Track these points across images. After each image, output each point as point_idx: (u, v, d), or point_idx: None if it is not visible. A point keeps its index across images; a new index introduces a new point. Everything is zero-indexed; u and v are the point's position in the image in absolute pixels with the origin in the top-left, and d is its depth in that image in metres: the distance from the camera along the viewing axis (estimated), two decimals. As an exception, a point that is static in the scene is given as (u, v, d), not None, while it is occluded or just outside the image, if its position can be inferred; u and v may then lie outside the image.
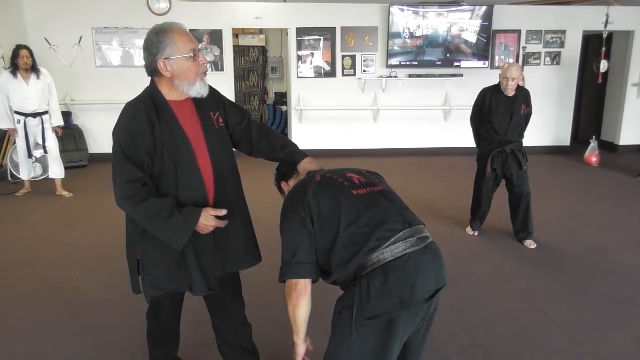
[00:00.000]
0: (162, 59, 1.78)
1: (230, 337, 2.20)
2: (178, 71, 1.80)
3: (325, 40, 7.71)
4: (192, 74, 1.82)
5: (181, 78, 1.81)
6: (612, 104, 8.67)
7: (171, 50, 1.77)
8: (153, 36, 1.80)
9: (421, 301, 1.58)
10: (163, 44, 1.77)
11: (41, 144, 5.58)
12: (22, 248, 4.23)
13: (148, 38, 1.81)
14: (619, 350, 2.74)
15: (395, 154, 8.04)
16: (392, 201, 1.74)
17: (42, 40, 7.09)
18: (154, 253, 1.91)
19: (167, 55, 1.78)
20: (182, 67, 1.79)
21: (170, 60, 1.78)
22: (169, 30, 1.79)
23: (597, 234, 4.55)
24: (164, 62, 1.78)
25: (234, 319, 2.18)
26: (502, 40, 7.93)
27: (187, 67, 1.80)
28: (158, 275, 1.93)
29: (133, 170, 1.77)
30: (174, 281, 1.94)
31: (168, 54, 1.77)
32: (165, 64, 1.78)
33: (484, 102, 4.25)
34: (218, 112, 1.99)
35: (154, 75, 1.86)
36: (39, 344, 2.80)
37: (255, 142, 2.09)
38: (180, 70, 1.80)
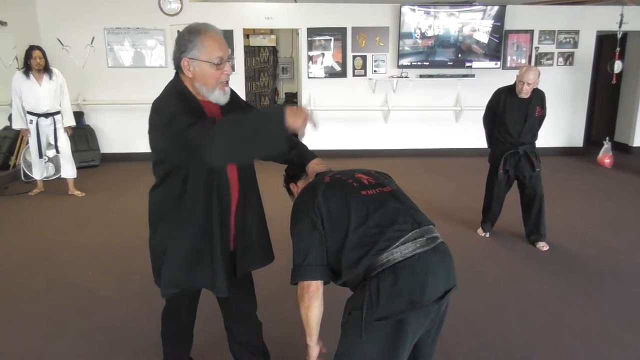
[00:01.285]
0: (187, 57, 1.76)
1: (242, 336, 2.20)
2: (199, 74, 1.77)
3: (335, 41, 7.70)
4: (212, 80, 1.78)
5: (201, 82, 1.78)
6: (625, 104, 8.56)
7: (198, 52, 1.75)
8: (185, 33, 1.78)
9: (431, 302, 1.57)
10: (192, 43, 1.75)
11: (53, 143, 5.64)
12: (35, 247, 4.26)
13: (181, 34, 1.79)
14: (632, 354, 2.70)
15: (405, 154, 8.01)
16: (401, 201, 1.74)
17: (55, 41, 7.17)
18: (177, 248, 1.90)
19: (192, 56, 1.75)
20: (203, 71, 1.76)
21: (194, 62, 1.75)
22: (202, 31, 1.77)
23: (610, 236, 4.49)
24: (187, 61, 1.76)
25: (246, 317, 2.18)
26: (514, 40, 7.86)
27: (208, 72, 1.77)
28: (177, 272, 1.91)
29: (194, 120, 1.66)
30: (193, 279, 1.93)
31: (194, 54, 1.75)
32: (189, 64, 1.76)
33: (497, 103, 4.21)
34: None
35: (178, 71, 1.84)
36: (51, 342, 2.82)
37: None
38: (201, 73, 1.77)
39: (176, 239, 1.89)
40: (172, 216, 1.88)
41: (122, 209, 5.31)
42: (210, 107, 1.85)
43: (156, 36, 7.45)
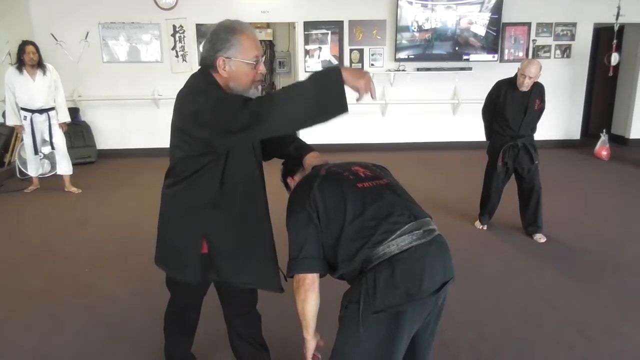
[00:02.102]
0: (224, 56, 1.72)
1: (242, 329, 2.19)
2: (235, 73, 1.74)
3: (332, 34, 7.66)
4: (248, 80, 1.77)
5: (237, 81, 1.76)
6: (622, 97, 8.56)
7: (235, 52, 1.72)
8: (222, 31, 1.73)
9: (428, 294, 1.57)
10: (230, 42, 1.71)
11: (48, 140, 5.60)
12: (32, 244, 4.24)
13: (216, 32, 1.74)
14: (630, 345, 2.70)
15: (403, 148, 8.00)
16: (397, 194, 1.73)
17: (49, 36, 7.12)
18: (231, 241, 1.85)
19: (229, 55, 1.72)
20: (240, 71, 1.74)
21: (232, 61, 1.72)
22: (240, 31, 1.74)
23: (608, 228, 4.49)
24: (224, 60, 1.72)
25: (247, 311, 2.17)
26: (511, 33, 7.84)
27: (245, 72, 1.75)
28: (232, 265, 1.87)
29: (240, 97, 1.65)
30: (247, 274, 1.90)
31: (231, 54, 1.72)
32: (225, 63, 1.72)
33: (498, 95, 4.20)
34: None
35: (208, 69, 1.78)
36: (50, 338, 2.81)
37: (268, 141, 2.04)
38: (237, 73, 1.74)
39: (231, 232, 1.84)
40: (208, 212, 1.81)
41: (119, 205, 5.29)
42: None
43: (151, 31, 7.40)
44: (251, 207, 1.87)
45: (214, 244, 1.83)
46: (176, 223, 1.88)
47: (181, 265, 1.90)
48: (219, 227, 1.83)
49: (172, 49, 7.43)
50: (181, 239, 1.87)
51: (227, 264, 1.86)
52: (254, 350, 2.22)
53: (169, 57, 7.41)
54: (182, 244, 1.87)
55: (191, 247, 1.85)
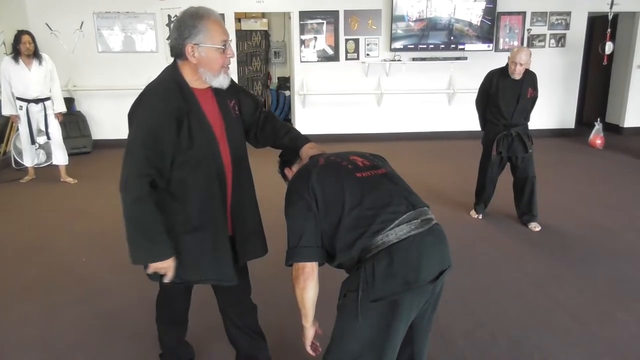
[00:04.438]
0: (192, 43, 1.75)
1: (237, 319, 2.21)
2: (205, 59, 1.78)
3: (328, 24, 7.63)
4: (217, 64, 1.80)
5: (206, 67, 1.79)
6: (617, 85, 8.59)
7: (203, 37, 1.75)
8: (188, 18, 1.76)
9: (426, 282, 1.59)
10: (196, 29, 1.74)
11: (44, 130, 5.58)
12: (29, 234, 4.25)
13: (182, 19, 1.78)
14: (624, 331, 2.75)
15: (399, 138, 8.01)
16: (395, 183, 1.74)
17: (43, 26, 7.05)
18: (187, 242, 1.88)
19: (197, 41, 1.75)
20: (209, 56, 1.77)
21: (200, 47, 1.75)
22: (206, 16, 1.77)
23: (602, 216, 4.54)
24: (192, 47, 1.75)
25: (241, 300, 2.19)
26: (506, 22, 7.83)
27: (214, 57, 1.78)
28: (182, 263, 1.89)
29: (145, 164, 1.74)
30: (199, 272, 1.94)
31: (199, 40, 1.75)
32: (194, 49, 1.76)
33: (490, 85, 4.22)
34: (234, 99, 1.99)
35: (178, 58, 1.83)
36: (47, 328, 2.83)
37: (260, 131, 2.10)
38: (207, 58, 1.77)
39: (182, 230, 1.88)
40: (165, 206, 1.85)
41: (115, 196, 5.22)
42: (205, 97, 1.86)
43: (146, 20, 7.35)
44: (203, 206, 1.88)
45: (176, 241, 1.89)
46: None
47: None
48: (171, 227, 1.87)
49: (167, 38, 7.37)
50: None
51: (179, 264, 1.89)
52: (250, 339, 2.24)
53: (164, 47, 7.35)
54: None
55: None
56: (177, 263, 1.87)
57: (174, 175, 1.82)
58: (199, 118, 1.83)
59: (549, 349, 2.59)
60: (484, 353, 2.57)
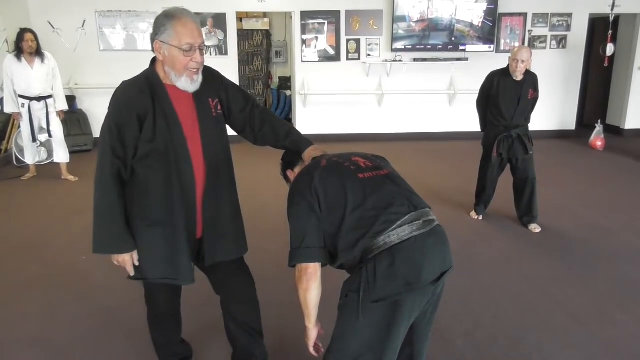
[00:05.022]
0: (159, 40, 1.81)
1: (238, 316, 2.20)
2: (168, 58, 1.82)
3: (329, 24, 7.64)
4: (179, 65, 1.82)
5: (170, 66, 1.83)
6: (617, 87, 8.60)
7: (168, 37, 1.78)
8: (161, 17, 1.82)
9: (427, 283, 1.59)
10: (165, 27, 1.79)
11: (45, 127, 5.59)
12: (30, 232, 4.26)
13: (158, 17, 1.84)
14: (623, 332, 2.76)
15: (399, 138, 8.02)
16: (398, 184, 1.75)
17: (45, 24, 7.05)
18: (140, 236, 1.93)
19: (163, 39, 1.80)
20: (172, 56, 1.80)
21: (165, 45, 1.80)
22: (176, 17, 1.80)
23: (602, 218, 4.55)
24: (159, 43, 1.81)
25: (243, 297, 2.18)
26: (507, 24, 7.84)
27: (177, 58, 1.80)
28: (141, 260, 1.96)
29: (110, 154, 1.82)
30: (157, 269, 1.97)
31: (165, 38, 1.79)
32: (160, 47, 1.81)
33: (491, 86, 4.22)
34: (217, 98, 1.99)
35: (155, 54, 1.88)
36: (47, 325, 2.84)
37: (258, 130, 2.08)
38: (170, 58, 1.81)
39: (140, 226, 1.92)
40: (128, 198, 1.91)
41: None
42: (179, 94, 1.89)
43: (148, 19, 7.35)
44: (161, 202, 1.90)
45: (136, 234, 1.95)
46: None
47: None
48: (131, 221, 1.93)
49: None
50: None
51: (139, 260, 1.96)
52: (249, 337, 2.22)
53: (166, 45, 7.36)
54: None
55: None
56: (138, 259, 1.95)
57: (137, 167, 1.87)
58: (165, 114, 1.85)
59: (548, 350, 2.60)
60: (483, 353, 2.58)
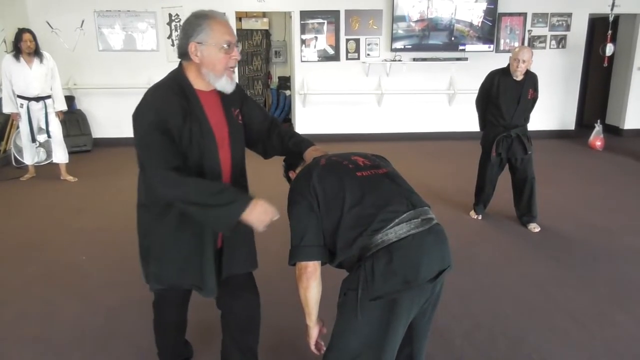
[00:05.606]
0: (195, 42, 1.74)
1: (238, 335, 2.13)
2: (207, 59, 1.76)
3: (329, 24, 7.63)
4: (220, 65, 1.77)
5: (209, 67, 1.77)
6: (617, 87, 8.60)
7: (206, 36, 1.73)
8: (192, 18, 1.77)
9: (425, 281, 1.59)
10: (200, 27, 1.73)
11: (44, 128, 5.59)
12: (29, 232, 4.25)
13: (188, 19, 1.78)
14: (623, 333, 2.75)
15: (399, 138, 8.01)
16: (397, 183, 1.75)
17: (44, 24, 7.05)
18: (166, 244, 1.89)
19: (200, 40, 1.74)
20: (211, 56, 1.75)
21: (202, 46, 1.74)
22: (210, 16, 1.76)
23: (601, 217, 4.55)
24: (195, 45, 1.74)
25: (248, 325, 2.13)
26: (507, 23, 7.84)
27: (217, 57, 1.76)
28: (165, 268, 1.91)
29: (171, 156, 1.72)
30: (182, 277, 1.92)
31: (202, 39, 1.74)
32: (197, 48, 1.75)
33: (491, 85, 4.22)
34: (238, 109, 1.97)
35: (183, 58, 1.82)
36: (47, 324, 2.83)
37: (267, 141, 2.07)
38: (209, 58, 1.76)
39: (166, 235, 1.88)
40: (161, 209, 1.85)
41: (116, 194, 5.29)
42: (209, 100, 1.84)
43: (147, 19, 7.35)
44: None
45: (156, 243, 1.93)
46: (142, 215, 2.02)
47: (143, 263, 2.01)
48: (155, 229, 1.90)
49: (168, 37, 7.39)
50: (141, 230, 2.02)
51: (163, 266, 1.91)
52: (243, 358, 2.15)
53: (165, 45, 7.37)
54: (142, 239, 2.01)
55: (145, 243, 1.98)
56: (162, 265, 1.90)
57: None
58: (200, 121, 1.79)
59: (547, 350, 2.59)
60: (483, 353, 2.57)
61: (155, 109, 1.74)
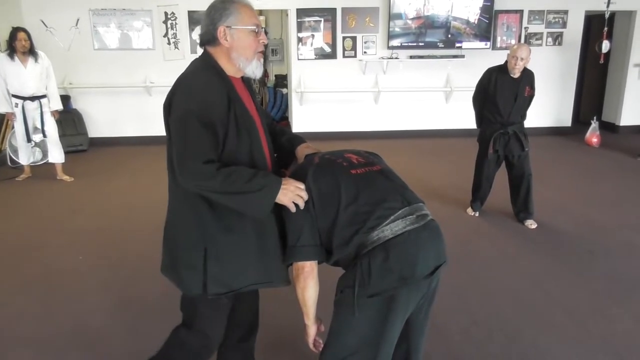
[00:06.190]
0: (224, 25, 1.69)
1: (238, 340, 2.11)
2: (237, 42, 1.71)
3: (325, 22, 7.62)
4: (251, 49, 1.73)
5: (239, 51, 1.72)
6: (613, 84, 8.61)
7: (235, 19, 1.69)
8: (218, 3, 1.72)
9: (421, 278, 1.60)
10: (228, 11, 1.69)
11: (40, 128, 5.56)
12: (25, 232, 4.24)
13: (212, 4, 1.73)
14: (618, 327, 2.76)
15: (396, 135, 8.01)
16: (391, 180, 1.75)
17: (39, 23, 7.02)
18: (228, 244, 1.74)
19: (229, 24, 1.69)
20: (242, 40, 1.71)
21: (232, 30, 1.69)
22: (237, 0, 1.73)
23: (598, 214, 4.56)
24: (225, 29, 1.69)
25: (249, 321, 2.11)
26: (504, 21, 7.84)
27: (247, 40, 1.72)
28: (229, 269, 1.74)
29: (209, 148, 1.62)
30: (244, 276, 1.77)
31: (231, 22, 1.69)
32: (226, 32, 1.69)
33: (489, 82, 4.22)
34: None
35: (209, 44, 1.75)
36: (44, 325, 2.83)
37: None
38: (239, 42, 1.71)
39: (225, 233, 1.74)
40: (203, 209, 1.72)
41: (112, 194, 5.28)
42: (239, 87, 1.79)
43: (143, 17, 7.32)
44: None
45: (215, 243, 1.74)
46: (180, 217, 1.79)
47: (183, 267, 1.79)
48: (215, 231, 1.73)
49: (164, 36, 7.36)
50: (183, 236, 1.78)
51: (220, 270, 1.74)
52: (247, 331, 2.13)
53: (161, 44, 7.34)
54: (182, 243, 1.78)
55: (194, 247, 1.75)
56: (219, 270, 1.73)
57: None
58: (241, 107, 1.74)
59: (544, 346, 2.60)
60: (480, 349, 2.57)
61: (197, 98, 1.65)
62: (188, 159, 1.60)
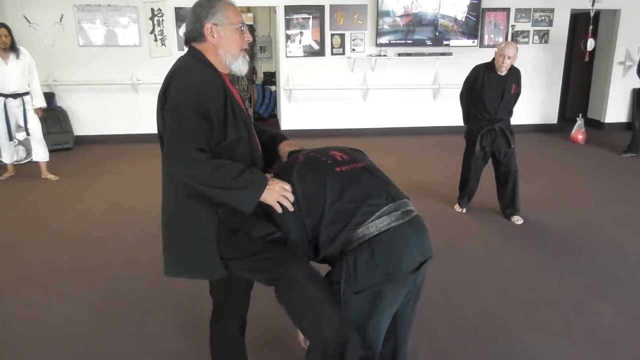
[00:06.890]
0: (211, 23, 1.74)
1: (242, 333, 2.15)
2: (224, 40, 1.77)
3: (314, 19, 7.60)
4: (237, 46, 1.79)
5: (226, 48, 1.77)
6: (598, 82, 8.70)
7: (222, 17, 1.75)
8: (204, 1, 1.77)
9: (407, 273, 1.60)
10: (214, 8, 1.75)
11: (23, 126, 5.48)
12: (10, 232, 4.18)
13: (198, 2, 1.78)
14: (602, 321, 2.80)
15: (384, 133, 8.03)
16: (375, 176, 1.75)
17: (21, 18, 6.91)
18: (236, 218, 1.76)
19: (216, 21, 1.74)
20: (228, 37, 1.77)
21: (219, 27, 1.75)
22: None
23: (583, 210, 4.60)
24: (212, 26, 1.74)
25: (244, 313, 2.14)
26: (491, 19, 7.88)
27: (233, 37, 1.77)
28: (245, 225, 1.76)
29: (201, 137, 1.64)
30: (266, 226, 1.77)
31: (218, 19, 1.75)
32: (213, 29, 1.75)
33: (476, 80, 4.24)
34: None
35: (195, 41, 1.79)
36: (29, 325, 2.79)
37: None
38: (226, 39, 1.77)
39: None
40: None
41: (98, 192, 5.23)
42: (227, 81, 1.84)
43: (129, 14, 7.25)
44: None
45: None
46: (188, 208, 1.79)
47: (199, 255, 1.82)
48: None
49: (150, 32, 7.29)
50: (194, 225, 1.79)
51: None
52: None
53: (148, 40, 7.27)
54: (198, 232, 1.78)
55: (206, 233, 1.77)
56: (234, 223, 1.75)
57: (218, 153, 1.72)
58: (233, 101, 1.77)
59: (530, 339, 2.62)
60: (467, 344, 2.59)
61: (194, 87, 1.68)
62: (180, 144, 1.63)
